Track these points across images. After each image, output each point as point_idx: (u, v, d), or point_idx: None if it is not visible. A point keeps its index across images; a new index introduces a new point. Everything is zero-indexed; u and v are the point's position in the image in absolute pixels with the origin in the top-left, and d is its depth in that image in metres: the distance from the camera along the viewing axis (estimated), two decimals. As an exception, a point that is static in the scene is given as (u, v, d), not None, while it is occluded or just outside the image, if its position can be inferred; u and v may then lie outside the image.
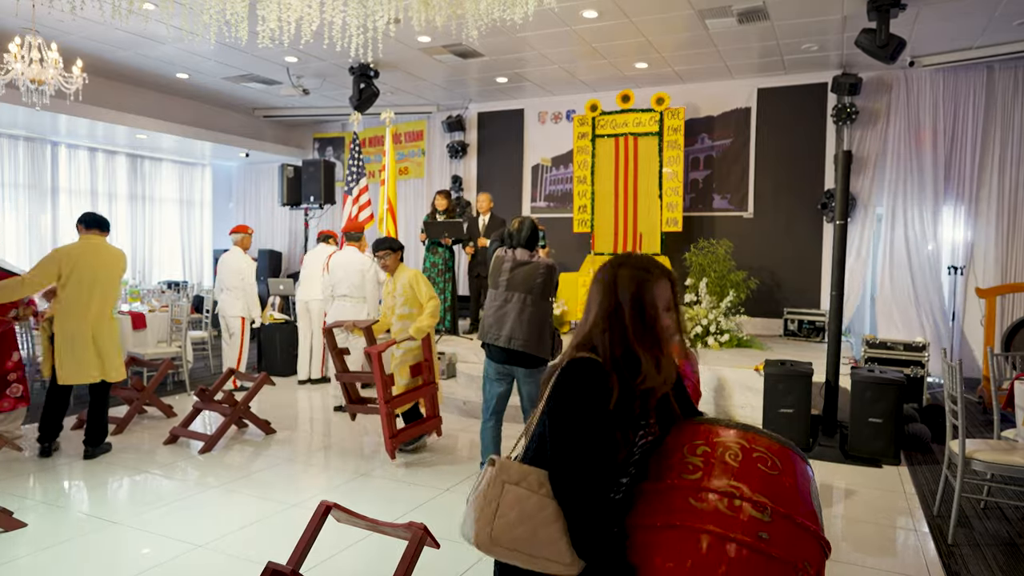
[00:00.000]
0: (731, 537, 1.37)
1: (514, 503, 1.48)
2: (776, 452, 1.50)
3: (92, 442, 4.72)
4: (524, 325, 3.94)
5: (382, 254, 4.84)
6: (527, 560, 1.47)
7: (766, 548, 1.37)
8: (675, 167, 8.46)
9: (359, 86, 8.19)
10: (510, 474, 1.51)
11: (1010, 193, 7.39)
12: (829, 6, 6.18)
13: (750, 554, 1.36)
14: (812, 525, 1.44)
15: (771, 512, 1.40)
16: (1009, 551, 3.46)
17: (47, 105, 6.17)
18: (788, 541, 1.39)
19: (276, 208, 11.71)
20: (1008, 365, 4.97)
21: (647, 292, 1.52)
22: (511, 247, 4.16)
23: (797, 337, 8.00)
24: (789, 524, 1.41)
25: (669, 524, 1.42)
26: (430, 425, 4.92)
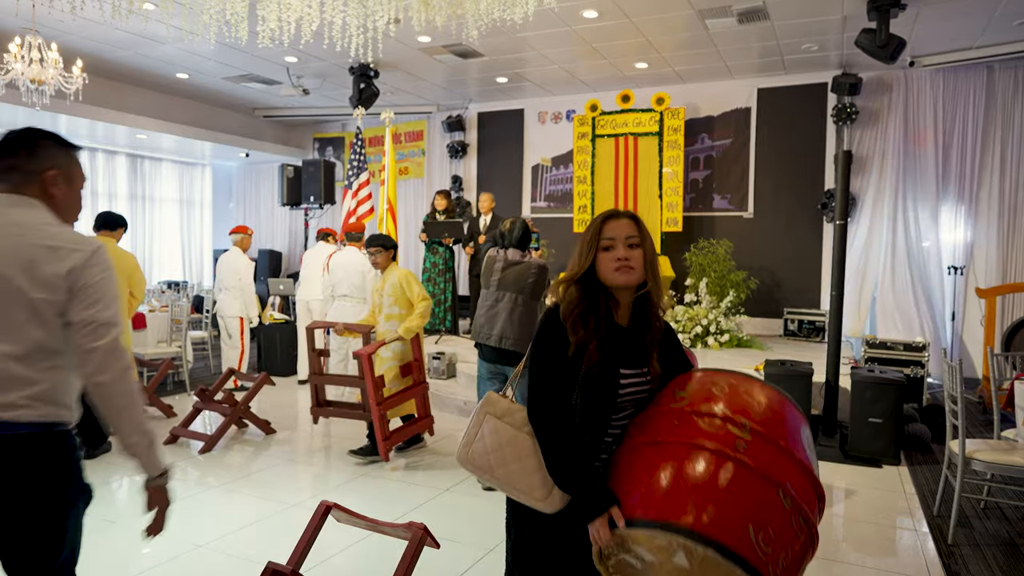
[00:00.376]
0: (708, 447, 1.40)
1: (491, 432, 1.66)
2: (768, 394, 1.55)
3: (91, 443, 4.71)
4: (515, 324, 4.00)
5: (374, 251, 4.73)
6: (505, 487, 1.65)
7: (742, 456, 1.38)
8: (675, 167, 8.46)
9: (359, 86, 8.19)
10: (496, 408, 1.68)
11: (1010, 193, 7.38)
12: (829, 6, 6.18)
13: (727, 462, 1.38)
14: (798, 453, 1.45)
15: (751, 430, 1.42)
16: (1009, 551, 3.45)
17: (47, 105, 6.18)
18: (769, 459, 1.40)
19: (276, 208, 11.71)
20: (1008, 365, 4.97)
21: (604, 226, 1.69)
22: (503, 247, 4.22)
23: (797, 337, 8.00)
24: (771, 446, 1.42)
25: (652, 441, 1.47)
26: (422, 425, 4.87)
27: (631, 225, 1.68)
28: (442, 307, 7.80)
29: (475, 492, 4.19)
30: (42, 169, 1.70)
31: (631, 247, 1.66)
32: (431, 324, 7.76)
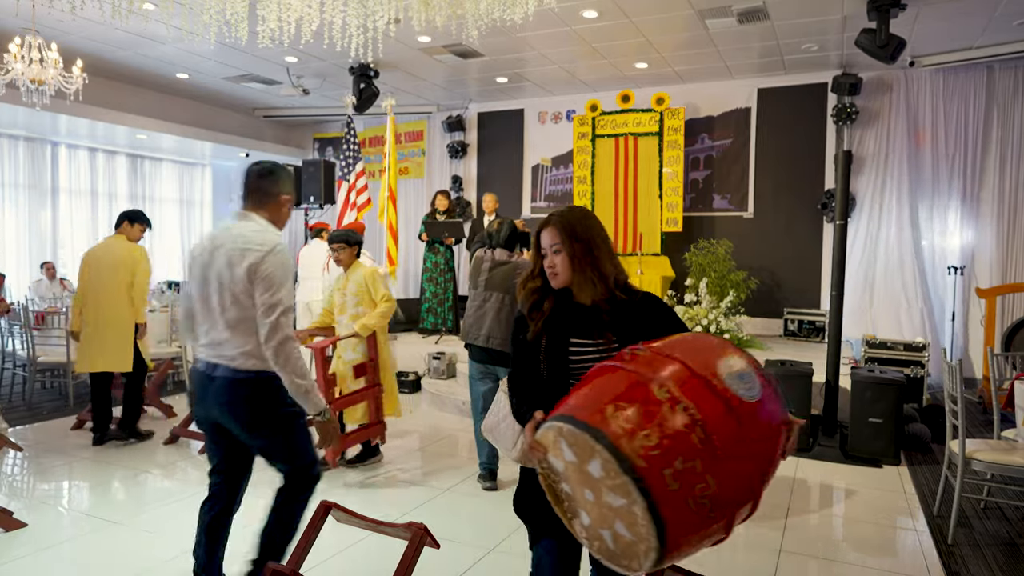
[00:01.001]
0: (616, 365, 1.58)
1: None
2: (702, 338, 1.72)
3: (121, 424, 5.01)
4: (502, 324, 3.98)
5: (336, 247, 4.45)
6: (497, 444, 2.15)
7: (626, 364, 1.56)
8: (675, 167, 8.46)
9: (359, 86, 8.19)
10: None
11: (1010, 193, 7.38)
12: (829, 6, 6.18)
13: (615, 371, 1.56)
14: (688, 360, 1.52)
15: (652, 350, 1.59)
16: (1009, 551, 3.45)
17: (47, 105, 6.17)
18: (647, 363, 1.54)
19: (276, 208, 11.69)
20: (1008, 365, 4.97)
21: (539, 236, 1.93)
22: (491, 247, 4.23)
23: (797, 337, 8.00)
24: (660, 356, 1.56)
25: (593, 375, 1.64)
26: (372, 432, 4.46)
27: (553, 232, 1.87)
28: (443, 307, 7.79)
29: (475, 492, 4.19)
30: (278, 193, 2.54)
31: (555, 253, 1.87)
32: (432, 324, 7.76)
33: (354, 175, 7.99)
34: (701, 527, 1.45)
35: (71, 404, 6.10)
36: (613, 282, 1.87)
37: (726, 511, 1.46)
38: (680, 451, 1.38)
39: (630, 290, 1.90)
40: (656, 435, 1.39)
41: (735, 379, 1.49)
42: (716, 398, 1.44)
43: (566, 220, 1.88)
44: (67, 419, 5.67)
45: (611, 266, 1.87)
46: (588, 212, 1.94)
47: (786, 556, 3.35)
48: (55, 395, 6.66)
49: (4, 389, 6.70)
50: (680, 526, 1.40)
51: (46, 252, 9.61)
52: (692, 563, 2.31)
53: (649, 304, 1.90)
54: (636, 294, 1.91)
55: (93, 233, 10.33)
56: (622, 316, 1.85)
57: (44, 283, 8.48)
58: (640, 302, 1.89)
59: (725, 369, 1.50)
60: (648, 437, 1.38)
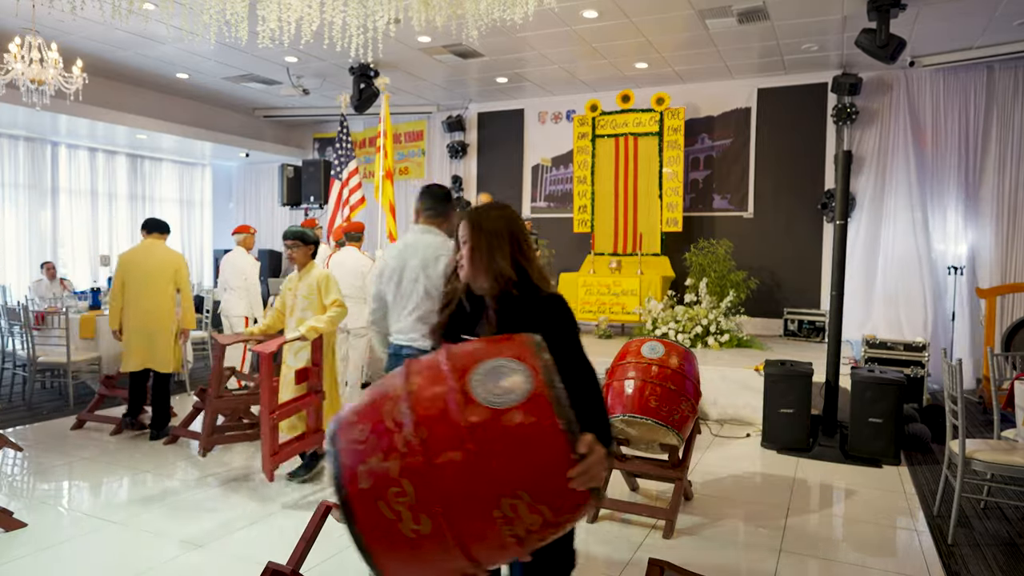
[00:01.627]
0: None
1: None
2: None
3: (156, 425, 5.21)
4: None
5: (290, 244, 4.22)
6: None
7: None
8: (675, 167, 8.46)
9: (359, 86, 8.19)
10: None
11: (1010, 193, 7.38)
12: (829, 6, 6.18)
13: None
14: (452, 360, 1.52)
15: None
16: (1009, 551, 3.46)
17: (47, 105, 6.17)
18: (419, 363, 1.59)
19: (276, 208, 11.71)
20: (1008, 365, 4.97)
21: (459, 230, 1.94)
22: None
23: (797, 337, 7.99)
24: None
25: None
26: (310, 442, 4.22)
27: (466, 226, 1.86)
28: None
29: (475, 492, 4.17)
30: (449, 211, 3.10)
31: (464, 245, 1.85)
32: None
33: (346, 173, 7.97)
34: (395, 534, 1.28)
35: (71, 404, 6.10)
36: (509, 280, 1.79)
37: (440, 524, 1.26)
38: (380, 449, 1.29)
39: (531, 289, 1.81)
40: (366, 431, 1.33)
41: (485, 381, 1.34)
42: (442, 400, 1.32)
43: (477, 214, 1.87)
44: (67, 419, 5.67)
45: (508, 262, 1.80)
46: (508, 211, 1.90)
47: (786, 556, 3.35)
48: (55, 395, 6.66)
49: (4, 389, 6.70)
50: (372, 529, 1.29)
51: (46, 252, 9.61)
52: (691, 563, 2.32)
53: (543, 307, 1.80)
54: (536, 294, 1.82)
55: (93, 233, 10.34)
56: (510, 314, 1.78)
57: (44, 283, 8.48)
58: (535, 303, 1.80)
59: (481, 369, 1.37)
60: (362, 431, 1.34)
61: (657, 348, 3.77)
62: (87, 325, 6.27)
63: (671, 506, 3.63)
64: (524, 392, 1.33)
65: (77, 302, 7.11)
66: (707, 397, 5.78)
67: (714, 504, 4.02)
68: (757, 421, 5.47)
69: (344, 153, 8.07)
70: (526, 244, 1.87)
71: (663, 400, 3.57)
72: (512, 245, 1.83)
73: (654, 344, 3.81)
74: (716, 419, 5.85)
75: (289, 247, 4.24)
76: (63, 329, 6.00)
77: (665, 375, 3.63)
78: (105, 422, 5.42)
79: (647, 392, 3.58)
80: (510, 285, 1.81)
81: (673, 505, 3.62)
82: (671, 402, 3.57)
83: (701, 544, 3.48)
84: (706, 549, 3.43)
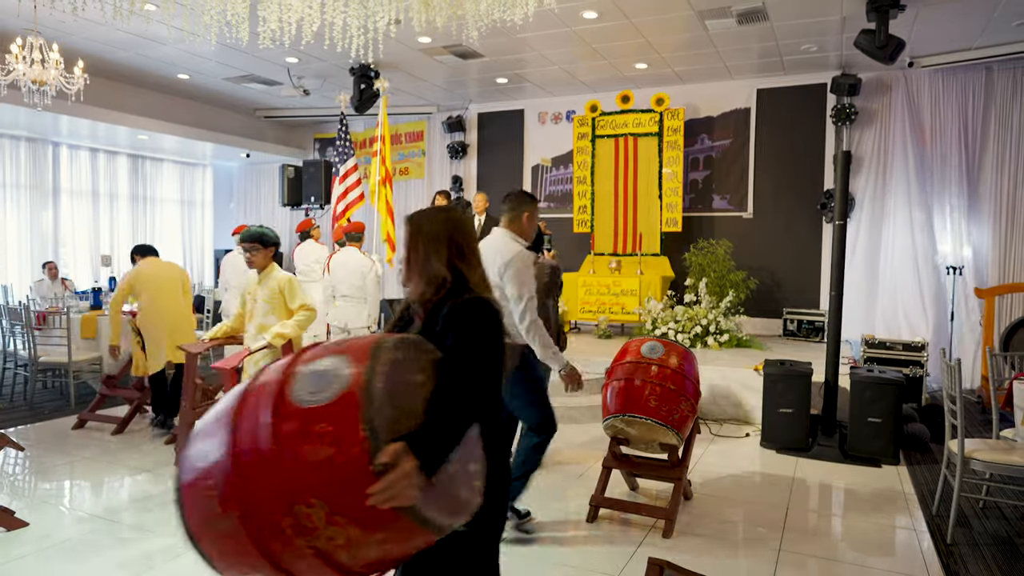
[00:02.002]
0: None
1: None
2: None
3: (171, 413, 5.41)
4: None
5: (248, 247, 3.97)
6: None
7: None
8: (675, 167, 8.47)
9: (359, 87, 8.21)
10: None
11: (1009, 193, 7.39)
12: (828, 7, 6.19)
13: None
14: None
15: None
16: (1008, 550, 3.47)
17: (48, 106, 6.19)
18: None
19: (277, 208, 11.72)
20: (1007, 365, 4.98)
21: None
22: None
23: (796, 337, 8.00)
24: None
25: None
26: None
27: (406, 230, 1.81)
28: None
29: (475, 492, 4.19)
30: (523, 212, 3.42)
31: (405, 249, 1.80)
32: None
33: (344, 170, 7.99)
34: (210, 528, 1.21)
35: (72, 404, 6.11)
36: (441, 285, 1.70)
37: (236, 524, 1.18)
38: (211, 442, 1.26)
39: (452, 295, 1.69)
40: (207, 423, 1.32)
41: (305, 381, 1.27)
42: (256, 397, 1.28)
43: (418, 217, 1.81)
44: (68, 419, 5.68)
45: (444, 265, 1.71)
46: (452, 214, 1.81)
47: (785, 555, 3.37)
48: (56, 395, 6.67)
49: (6, 389, 6.71)
50: (196, 522, 1.23)
51: (48, 252, 9.63)
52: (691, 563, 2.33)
53: (457, 310, 1.65)
54: (454, 299, 1.68)
55: (95, 233, 10.35)
56: (429, 321, 1.69)
57: (46, 283, 8.49)
58: (448, 309, 1.66)
59: (306, 368, 1.31)
60: (204, 424, 1.33)
61: (657, 348, 3.79)
62: (88, 325, 6.29)
63: (671, 506, 3.64)
64: (334, 393, 1.22)
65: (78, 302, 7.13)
66: (707, 397, 5.79)
67: (714, 504, 4.04)
68: (757, 421, 5.49)
69: (344, 152, 8.09)
70: (468, 249, 1.77)
71: (662, 400, 3.58)
72: (451, 249, 1.74)
73: (654, 344, 3.82)
74: (716, 419, 5.86)
75: (247, 250, 3.99)
76: (64, 329, 6.01)
77: (665, 375, 3.65)
78: (106, 422, 5.44)
79: (647, 392, 3.59)
80: (442, 291, 1.70)
81: (673, 505, 3.63)
82: (670, 402, 3.59)
83: (701, 544, 3.49)
84: (706, 549, 3.44)
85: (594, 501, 3.76)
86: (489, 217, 7.70)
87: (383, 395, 1.22)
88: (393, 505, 1.17)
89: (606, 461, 3.89)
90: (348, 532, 1.17)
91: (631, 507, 3.80)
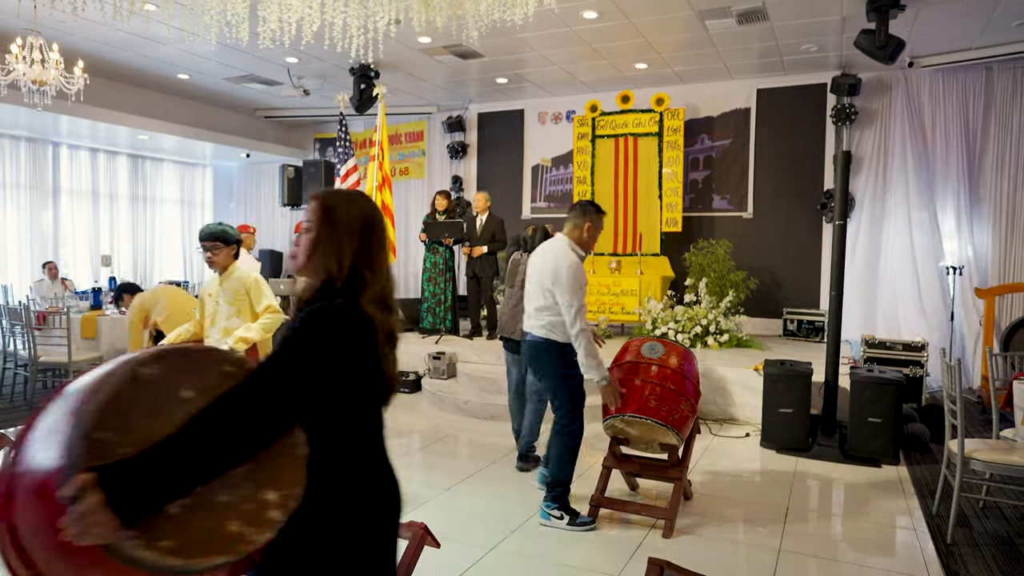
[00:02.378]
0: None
1: None
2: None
3: None
4: None
5: (209, 245, 3.68)
6: None
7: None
8: (675, 167, 8.47)
9: (360, 87, 8.21)
10: None
11: (1009, 193, 7.39)
12: (828, 7, 6.19)
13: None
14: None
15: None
16: (1008, 550, 3.47)
17: (48, 106, 6.19)
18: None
19: (277, 208, 11.72)
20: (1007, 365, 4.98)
21: None
22: (525, 251, 4.69)
23: (796, 337, 8.00)
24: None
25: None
26: None
27: (310, 207, 1.51)
28: (442, 307, 7.80)
29: (475, 492, 4.20)
30: (584, 223, 3.64)
31: (305, 232, 1.50)
32: (431, 324, 7.76)
33: (344, 170, 8.00)
34: None
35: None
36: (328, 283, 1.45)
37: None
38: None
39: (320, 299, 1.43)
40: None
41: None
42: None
43: (332, 198, 1.52)
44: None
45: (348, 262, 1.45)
46: (372, 205, 1.56)
47: (785, 555, 3.37)
48: (56, 395, 6.67)
49: (6, 389, 6.71)
50: None
51: (48, 252, 9.63)
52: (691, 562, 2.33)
53: (300, 320, 1.39)
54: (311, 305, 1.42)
55: (95, 233, 10.36)
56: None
57: (46, 283, 8.50)
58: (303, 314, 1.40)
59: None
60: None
61: (656, 348, 3.79)
62: (88, 325, 6.29)
63: (671, 506, 3.64)
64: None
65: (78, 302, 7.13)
66: (707, 397, 5.79)
67: (714, 504, 4.04)
68: (756, 421, 5.49)
69: (344, 152, 8.09)
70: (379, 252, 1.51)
71: (663, 400, 3.58)
72: (361, 246, 1.48)
73: (653, 344, 3.83)
74: (716, 419, 5.86)
75: (208, 249, 3.70)
76: (64, 329, 6.01)
77: (665, 375, 3.65)
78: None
79: (647, 392, 3.59)
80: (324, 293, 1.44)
81: (673, 505, 3.63)
82: (671, 402, 3.59)
83: (701, 544, 3.50)
84: (706, 549, 3.45)
85: (594, 501, 3.77)
86: (491, 216, 7.69)
87: (92, 417, 1.11)
88: (86, 542, 1.06)
89: (606, 461, 3.89)
90: (57, 568, 1.12)
91: (631, 507, 3.80)
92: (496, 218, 7.67)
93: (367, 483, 1.46)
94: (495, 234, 7.50)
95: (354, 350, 1.38)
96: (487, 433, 5.54)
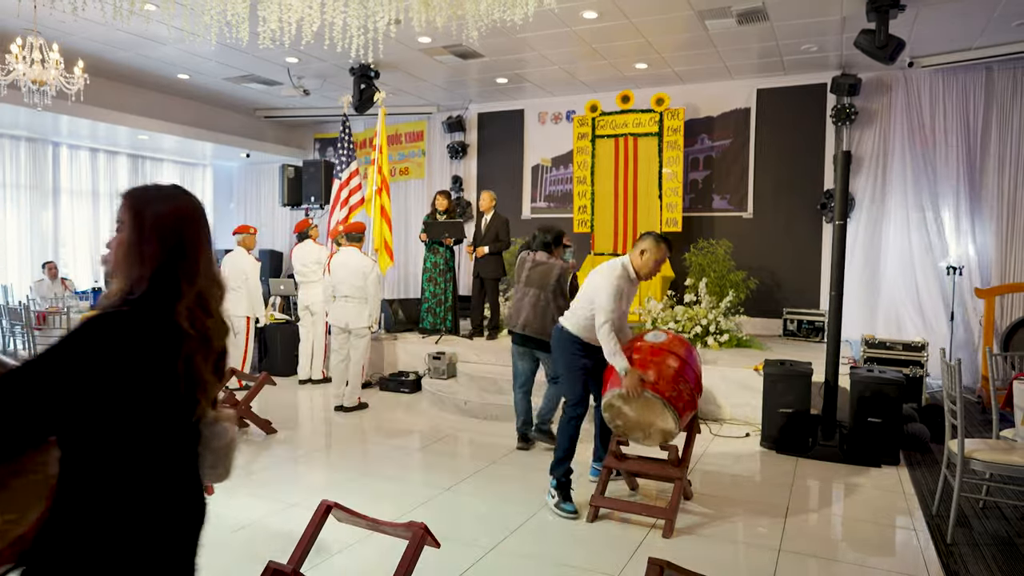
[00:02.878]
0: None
1: None
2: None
3: None
4: (537, 315, 4.68)
5: None
6: None
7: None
8: (675, 167, 8.47)
9: (360, 87, 8.21)
10: None
11: (1009, 193, 7.39)
12: (828, 7, 6.19)
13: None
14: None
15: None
16: (1008, 550, 3.47)
17: (48, 106, 6.19)
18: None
19: (277, 208, 11.73)
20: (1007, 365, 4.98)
21: None
22: (533, 250, 4.92)
23: (796, 337, 8.00)
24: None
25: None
26: None
27: (121, 205, 1.38)
28: (443, 307, 7.79)
29: (476, 492, 4.20)
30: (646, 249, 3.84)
31: (117, 231, 1.37)
32: (431, 324, 7.76)
33: (347, 174, 8.01)
34: None
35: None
36: (127, 293, 1.33)
37: None
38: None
39: (120, 304, 1.32)
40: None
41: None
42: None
43: (142, 193, 1.39)
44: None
45: (149, 270, 1.33)
46: (192, 202, 1.42)
47: (785, 556, 3.37)
48: (56, 395, 6.67)
49: (5, 389, 6.71)
50: None
51: (48, 252, 9.64)
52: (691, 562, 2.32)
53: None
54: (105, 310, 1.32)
55: (95, 233, 10.36)
56: None
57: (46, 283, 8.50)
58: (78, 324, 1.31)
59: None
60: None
61: (660, 335, 3.84)
62: (88, 325, 6.29)
63: (671, 506, 3.64)
64: None
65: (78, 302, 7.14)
66: (707, 397, 5.79)
67: (714, 503, 4.04)
68: (756, 421, 5.49)
69: (346, 154, 8.10)
70: (195, 254, 1.39)
71: (661, 375, 3.58)
72: (171, 248, 1.35)
73: (657, 332, 3.90)
74: (716, 419, 5.86)
75: None
76: (64, 329, 6.01)
77: (665, 356, 3.66)
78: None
79: (648, 368, 3.61)
80: (127, 299, 1.32)
81: (673, 505, 3.63)
82: (671, 380, 3.58)
83: (701, 544, 3.50)
84: (706, 548, 3.45)
85: (594, 501, 3.77)
86: (496, 215, 7.67)
87: None
88: None
89: (606, 461, 3.89)
90: None
91: (631, 507, 3.80)
92: (501, 217, 7.65)
93: (143, 508, 1.32)
94: (498, 234, 7.49)
95: (124, 364, 1.24)
96: (487, 433, 5.54)
